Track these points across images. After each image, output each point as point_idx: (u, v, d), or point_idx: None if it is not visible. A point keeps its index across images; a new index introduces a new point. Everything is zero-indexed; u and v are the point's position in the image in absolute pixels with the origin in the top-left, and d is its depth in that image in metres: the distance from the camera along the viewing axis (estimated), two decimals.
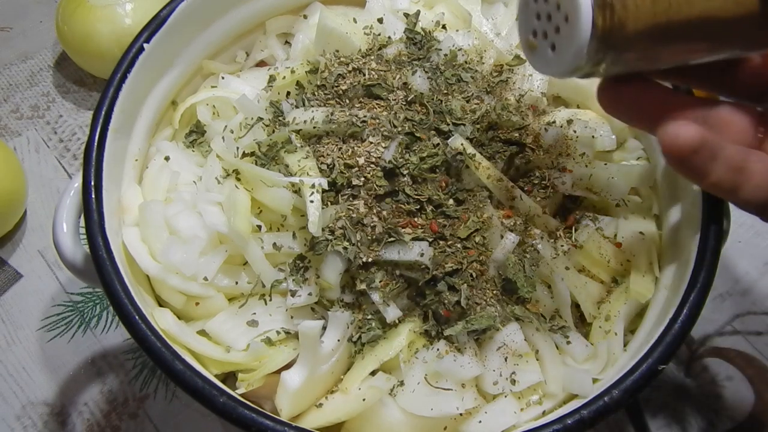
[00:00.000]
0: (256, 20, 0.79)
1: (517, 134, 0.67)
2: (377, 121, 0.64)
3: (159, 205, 0.65)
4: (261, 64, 0.79)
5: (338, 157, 0.63)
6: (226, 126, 0.68)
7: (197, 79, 0.78)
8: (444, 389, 0.58)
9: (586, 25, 0.45)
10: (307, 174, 0.61)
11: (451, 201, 0.63)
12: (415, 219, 0.61)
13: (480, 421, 0.59)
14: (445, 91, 0.67)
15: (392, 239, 0.60)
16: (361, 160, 0.62)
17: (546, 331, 0.63)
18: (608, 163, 0.70)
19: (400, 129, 0.64)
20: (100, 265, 0.58)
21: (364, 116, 0.64)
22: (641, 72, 0.53)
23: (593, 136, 0.70)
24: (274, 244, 0.62)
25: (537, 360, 0.61)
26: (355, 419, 0.59)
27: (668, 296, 0.63)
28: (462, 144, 0.63)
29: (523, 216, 0.64)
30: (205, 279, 0.62)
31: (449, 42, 0.70)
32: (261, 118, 0.67)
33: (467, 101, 0.67)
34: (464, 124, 0.65)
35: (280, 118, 0.67)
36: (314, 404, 0.60)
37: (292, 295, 0.61)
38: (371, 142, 0.63)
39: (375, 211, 0.61)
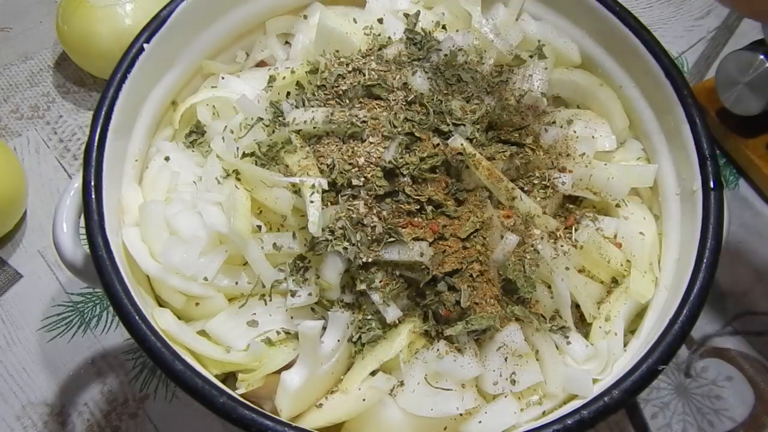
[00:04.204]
0: (256, 20, 0.79)
1: (517, 134, 0.67)
2: (377, 121, 0.64)
3: (159, 205, 0.65)
4: (261, 64, 0.79)
5: (338, 157, 0.63)
6: (226, 126, 0.68)
7: (197, 79, 0.78)
8: (444, 389, 0.58)
9: None
10: (307, 174, 0.61)
11: (451, 201, 0.63)
12: (415, 219, 0.61)
13: (480, 421, 0.59)
14: (445, 92, 0.67)
15: (392, 239, 0.60)
16: (361, 160, 0.62)
17: (546, 332, 0.63)
18: (608, 163, 0.70)
19: (400, 129, 0.64)
20: (100, 265, 0.58)
21: (364, 116, 0.64)
22: None
23: (593, 136, 0.70)
24: (274, 244, 0.62)
25: (537, 360, 0.61)
26: (355, 419, 0.59)
27: (668, 296, 0.63)
28: (462, 144, 0.63)
29: (523, 216, 0.64)
30: (205, 279, 0.62)
31: (449, 42, 0.70)
32: (261, 119, 0.67)
33: (467, 101, 0.67)
34: (464, 125, 0.65)
35: (280, 119, 0.67)
36: (314, 404, 0.60)
37: (292, 295, 0.61)
38: (371, 143, 0.63)
39: (375, 211, 0.61)
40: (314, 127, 0.65)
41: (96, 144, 0.63)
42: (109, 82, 0.66)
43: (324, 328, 0.60)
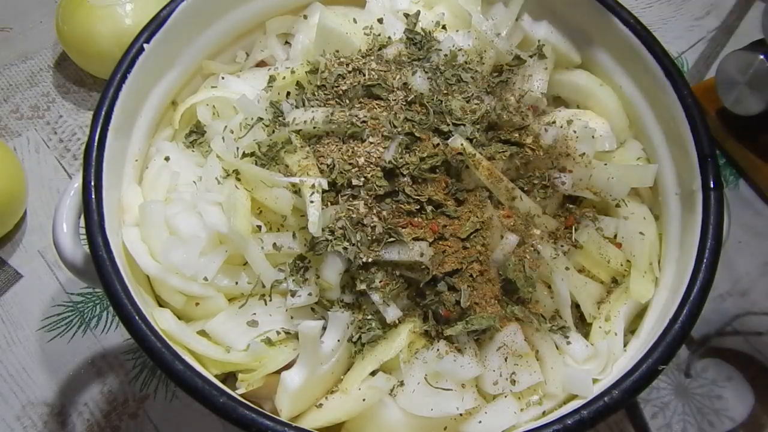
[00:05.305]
0: (256, 20, 0.79)
1: (517, 134, 0.67)
2: (377, 121, 0.64)
3: (159, 205, 0.65)
4: (261, 64, 0.79)
5: (338, 157, 0.63)
6: (226, 126, 0.68)
7: (197, 79, 0.78)
8: (444, 389, 0.58)
9: None
10: (307, 174, 0.61)
11: (451, 201, 0.63)
12: (415, 219, 0.61)
13: (480, 421, 0.59)
14: (445, 92, 0.67)
15: (392, 239, 0.60)
16: (361, 160, 0.62)
17: (546, 332, 0.63)
18: (608, 163, 0.70)
19: (400, 129, 0.64)
20: (100, 265, 0.58)
21: (364, 116, 0.64)
22: None
23: (593, 136, 0.70)
24: (274, 244, 0.62)
25: (537, 360, 0.61)
26: (355, 419, 0.59)
27: (668, 296, 0.63)
28: (462, 144, 0.63)
29: (523, 216, 0.64)
30: (205, 279, 0.62)
31: (449, 42, 0.70)
32: (261, 119, 0.67)
33: (467, 101, 0.67)
34: (464, 125, 0.65)
35: (280, 119, 0.67)
36: (314, 404, 0.60)
37: (292, 296, 0.61)
38: (371, 143, 0.63)
39: (375, 211, 0.61)
40: (314, 127, 0.65)
41: (96, 144, 0.63)
42: (109, 82, 0.66)
43: (324, 328, 0.60)
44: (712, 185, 0.63)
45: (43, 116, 0.99)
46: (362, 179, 0.61)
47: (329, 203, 0.62)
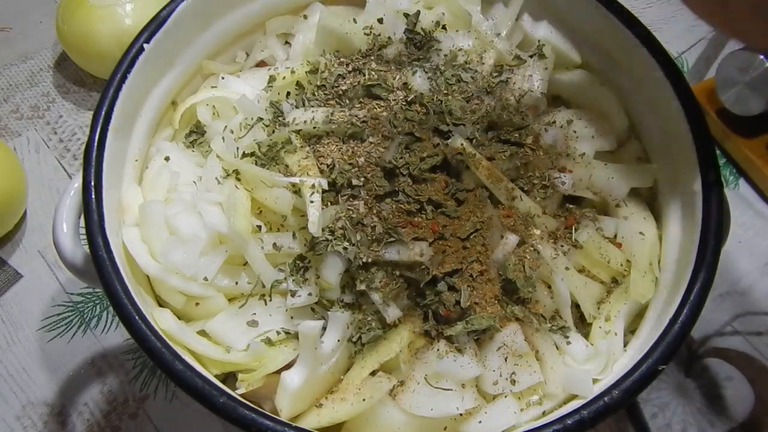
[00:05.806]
0: (256, 20, 0.79)
1: (516, 134, 0.67)
2: (377, 121, 0.64)
3: (159, 205, 0.65)
4: (261, 64, 0.79)
5: (338, 157, 0.63)
6: (226, 126, 0.68)
7: (197, 79, 0.78)
8: (444, 389, 0.58)
9: None
10: (307, 174, 0.61)
11: (451, 201, 0.63)
12: (415, 219, 0.61)
13: (480, 422, 0.59)
14: (445, 92, 0.67)
15: (392, 239, 0.60)
16: (361, 160, 0.62)
17: (546, 332, 0.63)
18: (608, 163, 0.70)
19: (400, 129, 0.64)
20: (100, 265, 0.58)
21: (364, 116, 0.64)
22: None
23: (593, 136, 0.70)
24: (274, 244, 0.62)
25: (537, 360, 0.61)
26: (355, 419, 0.59)
27: (668, 296, 0.63)
28: (462, 144, 0.63)
29: (523, 216, 0.64)
30: (205, 279, 0.62)
31: (449, 42, 0.70)
32: (261, 119, 0.67)
33: (467, 101, 0.67)
34: (464, 125, 0.65)
35: (280, 119, 0.67)
36: (314, 404, 0.60)
37: (292, 296, 0.61)
38: (371, 143, 0.63)
39: (375, 211, 0.61)
40: (314, 127, 0.65)
41: (96, 144, 0.63)
42: (109, 82, 0.66)
43: (324, 328, 0.60)
44: (712, 185, 0.63)
45: (43, 116, 0.99)
46: (362, 179, 0.61)
47: (329, 203, 0.62)
